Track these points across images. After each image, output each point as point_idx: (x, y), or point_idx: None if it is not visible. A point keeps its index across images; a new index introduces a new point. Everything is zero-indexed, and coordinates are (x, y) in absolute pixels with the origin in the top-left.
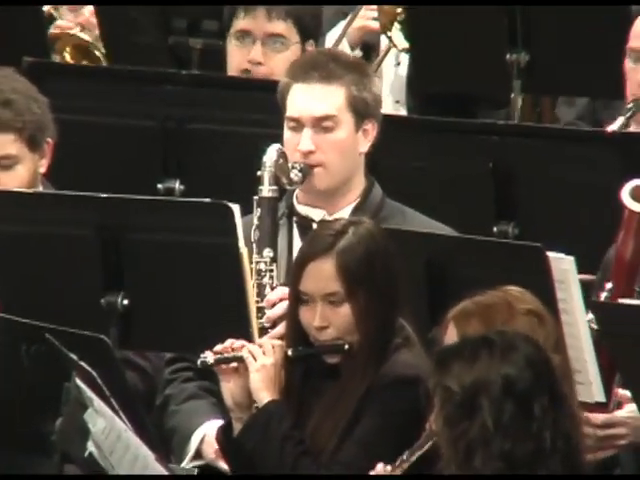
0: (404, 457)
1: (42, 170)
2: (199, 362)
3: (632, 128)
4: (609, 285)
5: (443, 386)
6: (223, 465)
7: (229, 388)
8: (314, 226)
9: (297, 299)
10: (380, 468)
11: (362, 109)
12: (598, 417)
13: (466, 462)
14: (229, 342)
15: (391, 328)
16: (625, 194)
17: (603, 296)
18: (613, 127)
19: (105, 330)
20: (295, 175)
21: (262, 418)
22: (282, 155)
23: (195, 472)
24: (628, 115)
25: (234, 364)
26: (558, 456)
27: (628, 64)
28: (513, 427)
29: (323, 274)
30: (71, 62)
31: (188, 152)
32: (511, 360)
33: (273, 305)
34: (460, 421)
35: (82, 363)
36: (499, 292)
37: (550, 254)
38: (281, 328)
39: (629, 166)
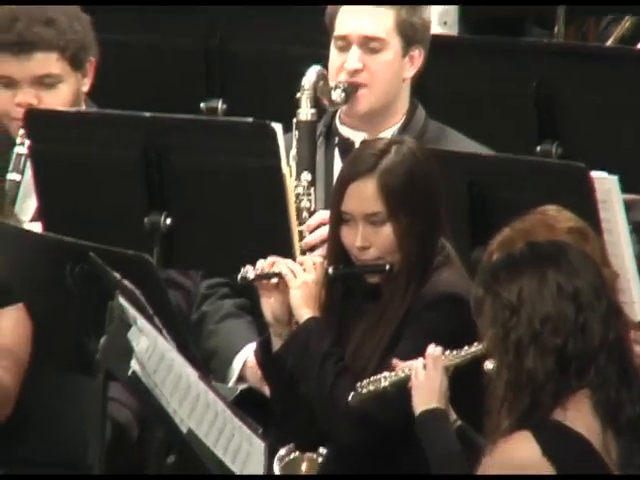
0: (460, 352)
1: (85, 89)
2: (239, 277)
3: None
4: None
5: (492, 292)
6: (266, 390)
7: (269, 304)
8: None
9: (338, 219)
10: (439, 351)
11: (411, 34)
12: None
13: (517, 361)
14: (270, 259)
15: (432, 248)
16: None
17: None
18: None
19: (148, 249)
20: (338, 96)
21: (302, 335)
22: (322, 76)
23: (238, 390)
24: None
25: (274, 280)
26: (606, 351)
27: None
28: (561, 322)
29: (365, 194)
30: None
31: (231, 71)
32: (558, 262)
33: (312, 230)
34: (508, 319)
35: (126, 282)
36: (536, 215)
37: (593, 173)
38: (322, 250)
39: None
